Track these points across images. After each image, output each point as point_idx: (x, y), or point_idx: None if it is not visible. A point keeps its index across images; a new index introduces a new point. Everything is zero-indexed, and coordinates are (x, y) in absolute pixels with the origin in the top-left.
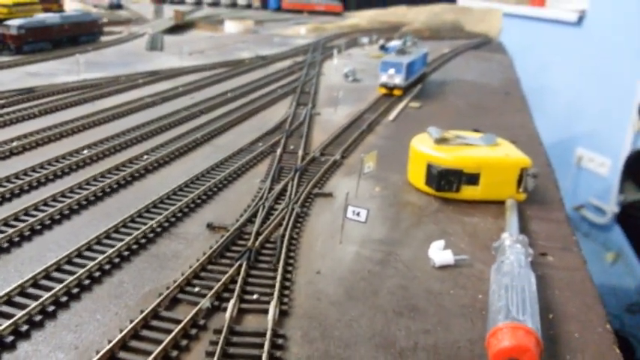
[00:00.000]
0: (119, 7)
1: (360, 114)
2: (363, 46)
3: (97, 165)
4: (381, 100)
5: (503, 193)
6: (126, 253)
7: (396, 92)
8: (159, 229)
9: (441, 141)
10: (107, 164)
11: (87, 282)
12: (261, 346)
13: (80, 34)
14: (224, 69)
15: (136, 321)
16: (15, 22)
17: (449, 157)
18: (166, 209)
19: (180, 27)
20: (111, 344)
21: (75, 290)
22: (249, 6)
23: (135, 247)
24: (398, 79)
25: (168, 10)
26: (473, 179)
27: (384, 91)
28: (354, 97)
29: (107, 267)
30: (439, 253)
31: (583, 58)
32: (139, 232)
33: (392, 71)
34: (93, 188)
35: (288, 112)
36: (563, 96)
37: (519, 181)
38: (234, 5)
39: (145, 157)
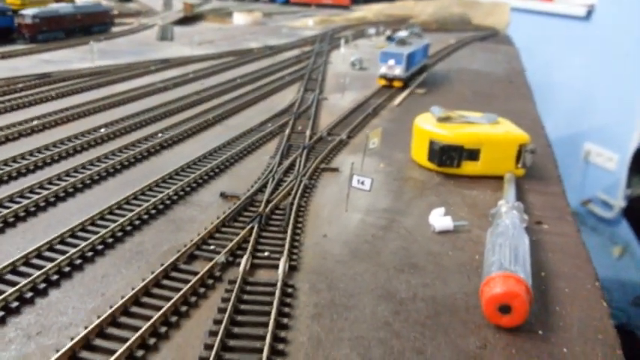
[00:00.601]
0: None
1: (366, 99)
2: (370, 37)
3: (114, 142)
4: (386, 88)
5: (503, 169)
6: (145, 217)
7: (396, 84)
8: (175, 197)
9: (444, 119)
10: (124, 141)
11: (110, 240)
12: (272, 294)
13: (92, 25)
14: (233, 58)
15: (157, 272)
16: (30, 12)
17: (450, 133)
18: (182, 180)
19: (189, 19)
20: (134, 290)
21: (99, 247)
22: None
23: (153, 212)
24: (398, 70)
25: (177, 3)
26: (473, 155)
27: (383, 82)
28: (361, 84)
29: (128, 228)
30: (439, 219)
31: (591, 53)
32: (156, 199)
33: (392, 62)
34: (111, 162)
35: (296, 97)
36: (571, 91)
37: (518, 157)
38: None
39: (160, 135)
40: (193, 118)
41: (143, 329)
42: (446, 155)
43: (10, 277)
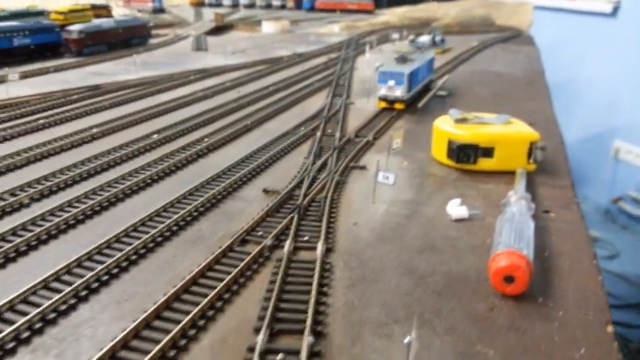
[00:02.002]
0: (162, 11)
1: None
2: (393, 41)
3: (166, 147)
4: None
5: (515, 164)
6: (201, 209)
7: (398, 106)
8: (225, 193)
9: (461, 120)
10: (174, 146)
11: (175, 229)
12: (313, 269)
13: (132, 38)
14: (264, 66)
15: (217, 252)
16: (76, 27)
17: (467, 133)
18: (229, 178)
19: (220, 28)
20: (200, 267)
21: (167, 234)
22: (283, 6)
23: (208, 205)
24: (399, 91)
25: (208, 13)
26: (488, 152)
27: (383, 105)
28: None
29: (188, 219)
30: (456, 209)
31: (619, 50)
32: (209, 194)
33: (392, 82)
34: (166, 164)
35: (325, 102)
36: (599, 88)
37: (529, 154)
38: (269, 6)
39: (205, 139)
40: (233, 123)
41: (210, 296)
42: (463, 153)
43: (97, 257)
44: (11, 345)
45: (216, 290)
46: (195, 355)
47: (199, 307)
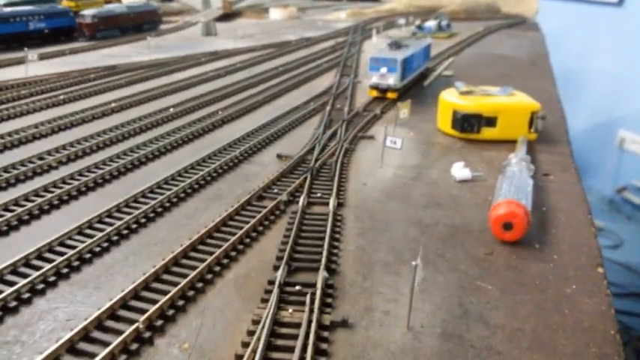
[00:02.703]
0: None
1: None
2: (400, 27)
3: (183, 119)
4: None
5: (517, 133)
6: (220, 171)
7: (390, 95)
8: (241, 158)
9: (466, 93)
10: (191, 118)
11: (196, 186)
12: (326, 219)
13: (143, 23)
14: (273, 49)
15: (236, 206)
16: (89, 12)
17: (471, 103)
18: (244, 145)
19: (228, 15)
20: (221, 217)
21: (189, 191)
22: None
23: (225, 167)
24: (392, 79)
25: (215, 1)
26: (491, 122)
27: (375, 94)
28: None
29: (208, 179)
30: (460, 170)
31: (625, 39)
32: (226, 158)
33: (384, 70)
34: (184, 132)
35: (333, 81)
36: (604, 78)
37: (531, 123)
38: None
39: (219, 112)
40: (245, 99)
41: (232, 240)
42: (467, 123)
43: (125, 209)
44: (52, 279)
45: (237, 235)
46: (220, 288)
47: (222, 249)
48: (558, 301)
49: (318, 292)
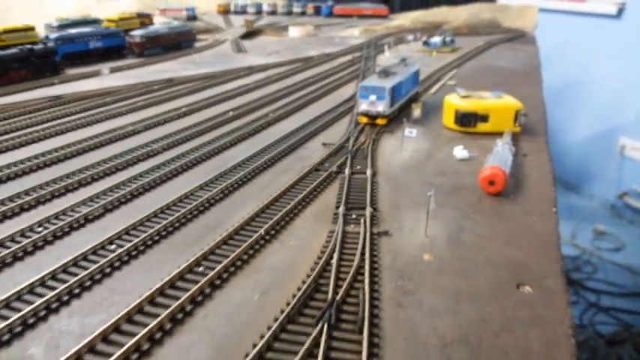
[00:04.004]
0: (194, 18)
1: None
2: (408, 42)
3: (241, 120)
4: (425, 81)
5: (505, 127)
6: (282, 155)
7: (380, 121)
8: (295, 146)
9: (465, 96)
10: (248, 119)
11: (267, 165)
12: (366, 182)
13: (181, 42)
14: (299, 64)
15: (301, 175)
16: (138, 33)
17: (469, 104)
18: (296, 137)
19: (250, 34)
20: (292, 180)
21: (263, 167)
22: (303, 13)
23: (286, 152)
24: (381, 106)
25: (235, 20)
26: (484, 118)
27: (365, 120)
28: None
29: (274, 160)
30: (460, 152)
31: (624, 50)
32: (286, 145)
33: (373, 97)
34: (246, 130)
35: (355, 89)
36: (604, 87)
37: (515, 119)
38: (290, 13)
39: (270, 114)
40: (287, 105)
41: (305, 192)
42: (466, 119)
43: (226, 177)
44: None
45: (308, 189)
46: (303, 218)
47: (300, 196)
48: (522, 225)
49: (368, 217)
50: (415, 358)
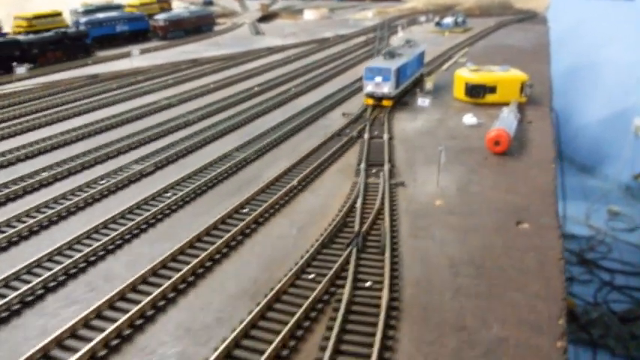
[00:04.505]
0: (210, 3)
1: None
2: (421, 24)
3: (267, 94)
4: (438, 59)
5: (512, 98)
6: (306, 124)
7: (385, 103)
8: (317, 116)
9: (474, 70)
10: (272, 94)
11: (295, 131)
12: (383, 144)
13: (202, 25)
14: (315, 45)
15: (325, 139)
16: (162, 17)
17: (478, 77)
18: (319, 108)
19: (266, 17)
20: (318, 143)
21: (293, 132)
22: None
23: (310, 121)
24: (387, 88)
25: (250, 4)
26: (492, 90)
27: (371, 102)
28: None
29: (301, 126)
30: (469, 119)
31: (638, 32)
32: (309, 115)
33: (379, 79)
34: (272, 102)
35: None
36: (618, 69)
37: (521, 90)
38: None
39: (292, 89)
40: (306, 81)
41: (330, 151)
42: (475, 91)
43: (254, 142)
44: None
45: (332, 151)
46: (330, 173)
47: (324, 157)
48: (523, 177)
49: (386, 171)
50: (429, 275)
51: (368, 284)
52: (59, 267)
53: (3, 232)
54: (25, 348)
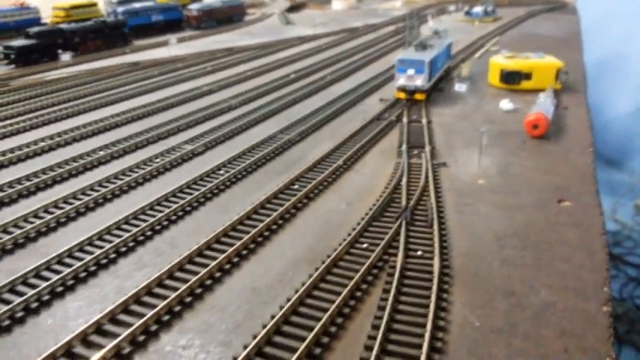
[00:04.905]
0: None
1: (453, 55)
2: (450, 13)
3: (302, 81)
4: (469, 47)
5: (547, 84)
6: (344, 108)
7: (418, 96)
8: (355, 101)
9: (509, 57)
10: (308, 81)
11: (337, 113)
12: (422, 127)
13: (233, 15)
14: (346, 34)
15: (365, 122)
16: (195, 7)
17: (513, 63)
18: (355, 94)
19: (294, 7)
20: (360, 125)
21: (334, 115)
22: None
23: (346, 107)
24: (420, 81)
25: None
26: (528, 76)
27: (402, 95)
28: None
29: (341, 110)
30: (506, 104)
31: None
32: (348, 100)
33: (411, 71)
34: (309, 89)
35: None
36: None
37: (557, 77)
38: None
39: (327, 76)
40: (342, 68)
41: (372, 133)
42: (510, 77)
43: (302, 122)
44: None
45: (373, 133)
46: (371, 154)
47: (366, 139)
48: (563, 159)
49: (428, 153)
50: (476, 246)
51: (419, 253)
52: (128, 234)
53: (71, 203)
54: (106, 304)
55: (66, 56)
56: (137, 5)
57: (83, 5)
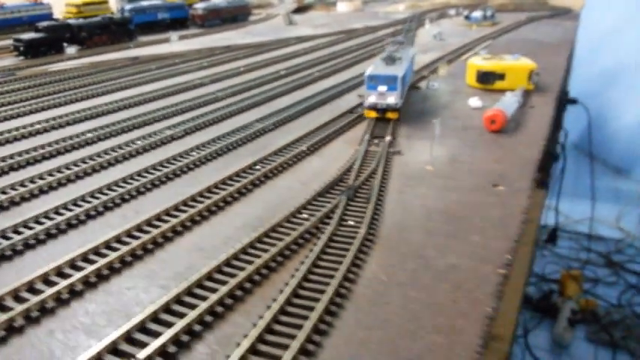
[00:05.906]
0: None
1: (442, 56)
2: (450, 17)
3: (291, 77)
4: (460, 49)
5: (520, 84)
6: (325, 101)
7: (391, 115)
8: (335, 96)
9: (486, 58)
10: (297, 77)
11: (316, 105)
12: (389, 121)
13: (237, 15)
14: (344, 34)
15: (338, 115)
16: (200, 6)
17: (488, 64)
18: (338, 89)
19: (300, 9)
20: (331, 118)
21: (314, 107)
22: None
23: (329, 100)
24: (392, 98)
25: None
26: (501, 77)
27: (373, 114)
28: (439, 48)
29: (321, 104)
30: (474, 101)
31: None
32: (328, 95)
33: (383, 88)
34: (300, 82)
35: None
36: None
37: (529, 77)
38: None
39: (315, 73)
40: (334, 65)
41: (341, 125)
42: (485, 77)
43: (291, 109)
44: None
45: (341, 125)
46: (337, 142)
47: (333, 129)
48: (511, 151)
49: (386, 142)
50: (406, 219)
51: (351, 223)
52: (98, 201)
53: (53, 175)
54: (70, 254)
55: (71, 49)
56: (145, 3)
57: (95, 2)
